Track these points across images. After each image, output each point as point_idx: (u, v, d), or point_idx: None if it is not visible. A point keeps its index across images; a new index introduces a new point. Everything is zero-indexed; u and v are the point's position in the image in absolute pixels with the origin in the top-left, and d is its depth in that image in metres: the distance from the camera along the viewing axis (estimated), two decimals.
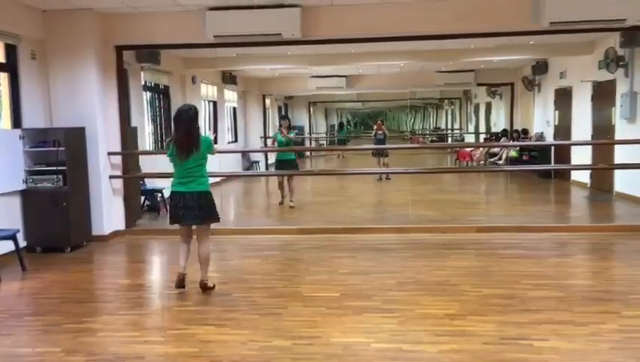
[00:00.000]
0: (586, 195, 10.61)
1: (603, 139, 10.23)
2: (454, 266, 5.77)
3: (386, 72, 16.01)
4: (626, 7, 6.50)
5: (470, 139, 22.02)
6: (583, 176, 11.36)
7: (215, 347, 3.86)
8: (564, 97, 12.37)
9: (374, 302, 4.65)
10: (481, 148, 15.50)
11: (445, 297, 4.76)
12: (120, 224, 7.76)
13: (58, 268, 6.09)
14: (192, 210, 4.91)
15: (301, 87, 17.28)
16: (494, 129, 18.28)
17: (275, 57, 11.97)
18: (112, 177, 7.60)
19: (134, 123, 9.08)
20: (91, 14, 7.15)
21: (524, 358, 3.56)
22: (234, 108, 16.54)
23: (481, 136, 20.01)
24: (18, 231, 6.08)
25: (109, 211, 7.51)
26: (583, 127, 11.21)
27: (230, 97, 16.02)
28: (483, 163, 15.17)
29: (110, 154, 7.56)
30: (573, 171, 11.91)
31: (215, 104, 14.42)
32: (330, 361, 3.59)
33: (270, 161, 16.82)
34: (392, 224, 7.99)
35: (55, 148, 6.71)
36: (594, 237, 7.04)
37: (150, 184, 9.39)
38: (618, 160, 9.54)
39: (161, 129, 11.29)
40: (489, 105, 19.37)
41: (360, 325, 4.20)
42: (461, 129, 23.98)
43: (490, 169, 14.89)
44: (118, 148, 7.71)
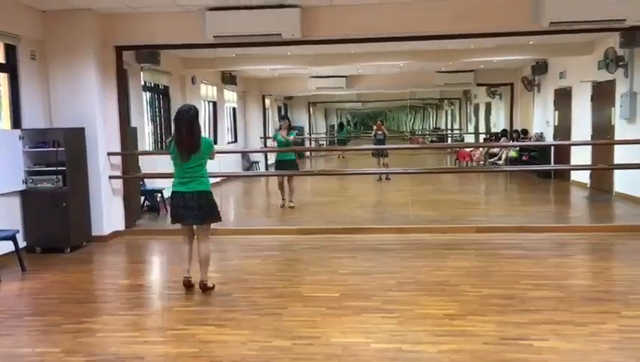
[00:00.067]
0: (586, 195, 10.61)
1: (603, 139, 10.24)
2: (454, 266, 5.77)
3: (386, 72, 16.02)
4: (626, 8, 6.50)
5: (470, 139, 22.03)
6: (582, 177, 11.36)
7: (215, 347, 3.86)
8: (563, 97, 12.37)
9: (374, 303, 4.65)
10: (481, 149, 15.50)
11: (445, 297, 4.77)
12: (120, 224, 7.77)
13: (58, 268, 6.09)
14: (192, 209, 4.91)
15: (301, 87, 17.29)
16: (494, 129, 18.29)
17: (275, 57, 11.97)
18: (111, 177, 7.60)
19: (134, 123, 9.08)
20: (91, 15, 7.15)
21: (523, 358, 3.56)
22: (234, 109, 16.55)
23: (481, 137, 20.03)
24: (18, 232, 6.08)
25: (108, 211, 7.51)
26: (582, 127, 11.21)
27: (230, 97, 16.03)
28: (483, 163, 15.17)
29: (110, 154, 7.56)
30: (572, 171, 11.91)
31: (215, 104, 14.42)
32: (330, 361, 3.59)
33: (270, 162, 16.83)
34: (392, 224, 7.99)
35: (55, 149, 6.71)
36: (594, 238, 7.04)
37: (150, 184, 9.40)
38: (618, 160, 9.54)
39: (161, 129, 11.30)
40: (489, 105, 19.38)
41: (360, 325, 4.20)
42: (461, 129, 23.99)
43: (490, 169, 14.89)
44: (117, 148, 7.71)
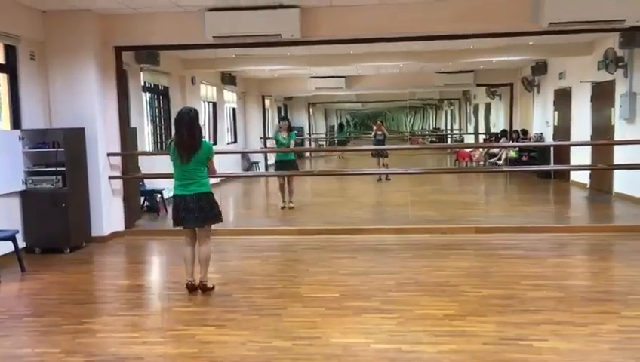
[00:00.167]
0: (586, 196, 10.61)
1: (602, 139, 10.24)
2: (454, 267, 5.77)
3: (386, 73, 16.02)
4: (626, 8, 6.51)
5: (470, 139, 22.04)
6: (582, 177, 11.36)
7: (215, 348, 3.87)
8: (563, 98, 12.37)
9: (374, 303, 4.65)
10: (481, 149, 15.50)
11: (445, 298, 4.76)
12: (119, 225, 7.76)
13: (57, 269, 6.09)
14: (192, 212, 4.91)
15: (300, 87, 17.29)
16: (494, 129, 18.30)
17: (275, 58, 11.97)
18: (111, 178, 7.60)
19: (134, 124, 9.08)
20: (91, 15, 7.15)
21: (523, 358, 3.56)
22: (233, 109, 16.55)
23: (481, 137, 20.04)
24: (17, 232, 6.07)
25: (108, 212, 7.51)
26: (582, 127, 11.21)
27: (230, 98, 16.03)
28: (482, 163, 15.17)
29: (110, 155, 7.56)
30: (572, 172, 11.91)
31: (215, 105, 14.42)
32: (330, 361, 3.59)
33: (270, 162, 16.83)
34: (392, 225, 7.99)
35: (54, 149, 6.71)
36: (593, 238, 7.04)
37: (150, 185, 9.40)
38: (617, 160, 9.54)
39: (161, 130, 11.30)
40: (488, 105, 19.39)
41: (359, 326, 4.20)
42: (460, 129, 24.00)
43: (490, 169, 14.89)
44: (117, 148, 7.71)
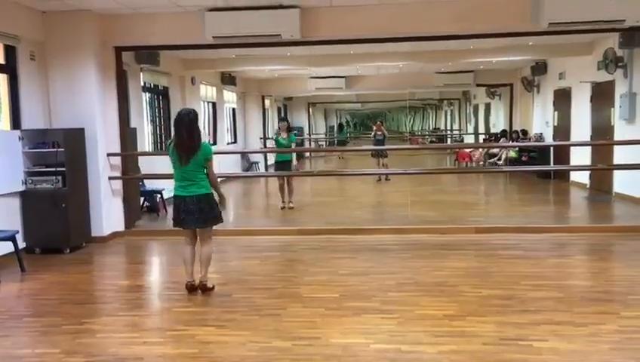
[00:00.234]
0: (585, 196, 10.61)
1: (602, 139, 10.24)
2: (453, 267, 5.77)
3: (386, 73, 16.03)
4: (626, 8, 6.51)
5: (469, 139, 22.06)
6: (582, 177, 11.37)
7: (215, 348, 3.87)
8: (563, 98, 12.37)
9: (374, 303, 4.65)
10: (481, 149, 15.51)
11: (444, 298, 4.76)
12: (119, 225, 7.76)
13: (57, 269, 6.09)
14: (192, 213, 4.92)
15: (300, 87, 17.30)
16: (493, 130, 18.32)
17: (275, 58, 11.98)
18: (111, 178, 7.59)
19: (133, 124, 9.07)
20: (90, 15, 7.16)
21: (523, 359, 3.56)
22: (233, 109, 16.55)
23: (481, 137, 20.05)
24: (17, 233, 6.07)
25: (108, 212, 7.51)
26: (582, 127, 11.22)
27: (229, 98, 16.03)
28: (482, 163, 15.18)
29: (109, 155, 7.56)
30: (572, 172, 11.92)
31: (214, 105, 14.42)
32: None
33: (270, 162, 16.83)
34: (392, 225, 8.00)
35: (54, 150, 6.71)
36: (593, 238, 7.04)
37: (149, 185, 9.40)
38: (617, 160, 9.54)
39: (161, 130, 11.29)
40: (488, 105, 19.40)
41: (359, 326, 4.20)
42: (460, 130, 24.03)
43: (490, 170, 14.89)
44: (117, 149, 7.71)
